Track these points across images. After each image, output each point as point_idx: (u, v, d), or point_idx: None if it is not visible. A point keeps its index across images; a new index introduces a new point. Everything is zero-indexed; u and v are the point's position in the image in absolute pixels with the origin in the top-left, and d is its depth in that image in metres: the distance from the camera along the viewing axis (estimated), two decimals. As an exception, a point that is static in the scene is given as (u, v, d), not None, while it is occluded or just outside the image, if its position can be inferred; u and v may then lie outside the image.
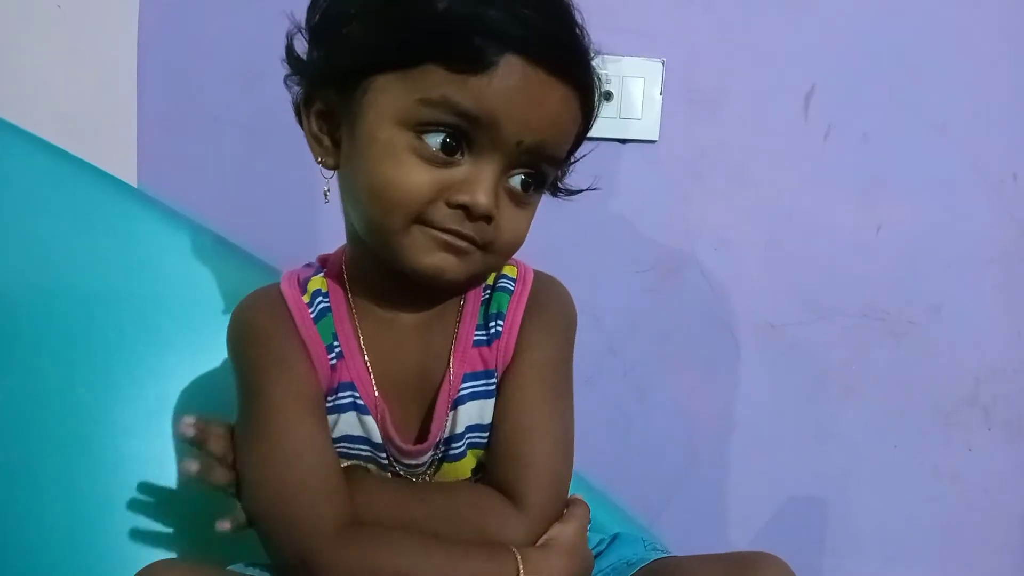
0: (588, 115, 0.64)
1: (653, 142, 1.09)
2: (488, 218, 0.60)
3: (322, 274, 0.70)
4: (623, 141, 1.09)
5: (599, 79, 0.64)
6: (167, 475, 0.89)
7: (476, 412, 0.67)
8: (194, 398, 0.91)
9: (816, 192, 1.11)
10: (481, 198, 0.59)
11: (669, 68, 1.08)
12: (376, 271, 0.66)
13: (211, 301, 0.94)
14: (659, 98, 1.08)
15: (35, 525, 0.87)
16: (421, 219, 0.60)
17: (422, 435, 0.68)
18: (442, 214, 0.60)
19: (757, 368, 1.13)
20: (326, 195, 0.67)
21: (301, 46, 0.65)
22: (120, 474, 0.89)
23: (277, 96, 0.66)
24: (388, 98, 0.59)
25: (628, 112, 1.08)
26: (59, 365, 0.90)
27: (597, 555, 0.74)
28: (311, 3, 0.64)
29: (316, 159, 0.66)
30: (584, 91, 0.62)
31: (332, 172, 0.66)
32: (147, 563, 0.61)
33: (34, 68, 1.02)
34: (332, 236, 0.72)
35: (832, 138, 1.10)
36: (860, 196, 1.11)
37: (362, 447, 0.68)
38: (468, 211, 0.59)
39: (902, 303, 1.13)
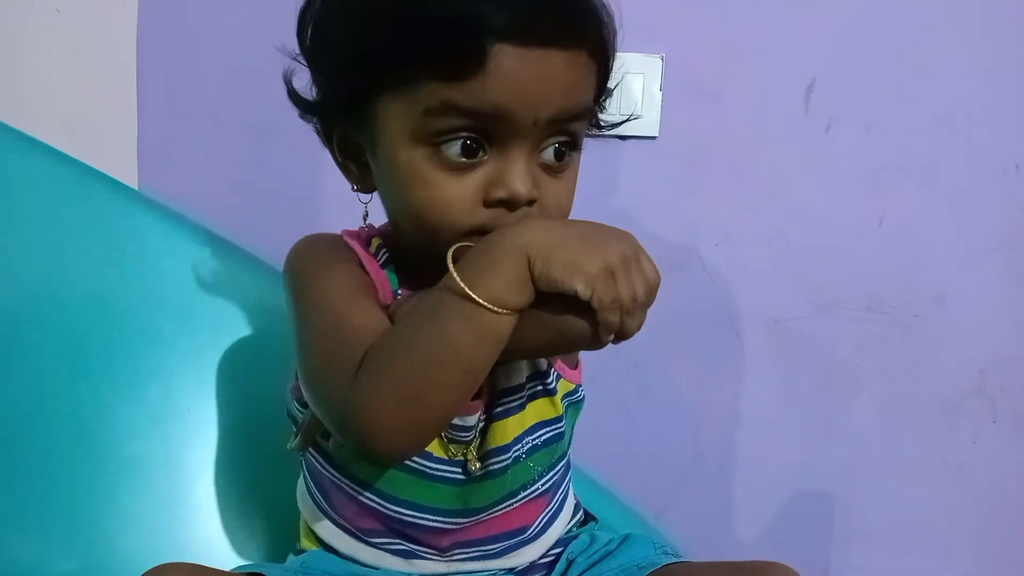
0: (605, 55, 0.61)
1: (654, 138, 1.09)
2: (531, 202, 0.58)
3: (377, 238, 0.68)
4: (623, 138, 1.08)
5: (606, 16, 0.60)
6: (170, 476, 0.90)
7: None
8: (196, 399, 0.91)
9: (818, 185, 1.11)
10: (518, 187, 0.57)
11: (668, 63, 1.08)
12: (424, 253, 0.63)
13: (212, 302, 0.94)
14: (659, 94, 1.08)
15: (38, 527, 0.87)
16: (472, 231, 0.58)
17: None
18: (488, 217, 0.58)
19: (761, 363, 1.13)
20: (365, 219, 0.67)
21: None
22: (123, 475, 0.89)
23: (277, 96, 0.66)
24: (394, 117, 0.57)
25: (628, 109, 1.07)
26: (61, 367, 0.91)
27: (607, 555, 0.72)
28: (299, 23, 0.62)
29: (352, 187, 0.65)
30: (591, 41, 0.59)
31: (369, 195, 0.65)
32: (152, 566, 0.60)
33: (33, 71, 1.02)
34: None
35: (833, 131, 1.10)
36: (862, 189, 1.11)
37: None
38: (508, 204, 0.58)
39: (906, 295, 1.12)
